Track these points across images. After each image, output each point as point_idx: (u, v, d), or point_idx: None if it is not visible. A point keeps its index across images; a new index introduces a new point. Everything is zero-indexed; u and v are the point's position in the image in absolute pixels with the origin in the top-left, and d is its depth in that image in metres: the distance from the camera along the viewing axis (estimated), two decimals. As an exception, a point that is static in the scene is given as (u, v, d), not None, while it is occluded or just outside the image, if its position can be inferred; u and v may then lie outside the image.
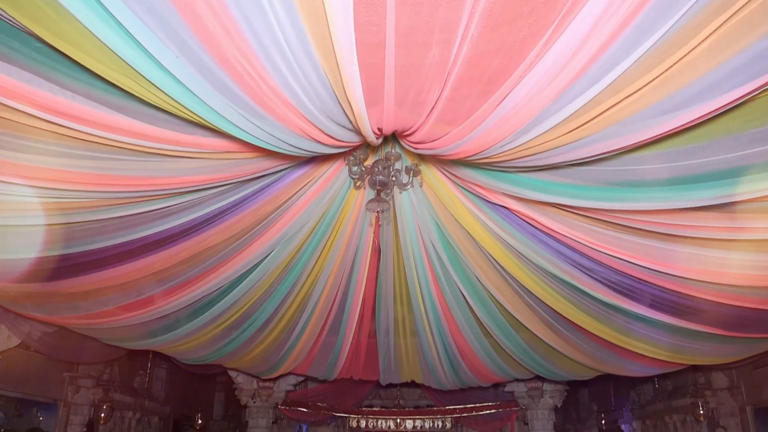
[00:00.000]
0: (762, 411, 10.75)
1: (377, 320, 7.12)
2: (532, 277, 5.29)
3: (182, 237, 4.97)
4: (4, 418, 9.71)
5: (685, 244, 4.17)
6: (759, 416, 10.84)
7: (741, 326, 5.52)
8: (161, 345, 7.00)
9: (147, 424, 14.06)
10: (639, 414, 15.08)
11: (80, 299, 5.80)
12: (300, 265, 5.71)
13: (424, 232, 5.24)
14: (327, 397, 12.38)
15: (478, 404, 12.23)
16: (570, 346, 6.64)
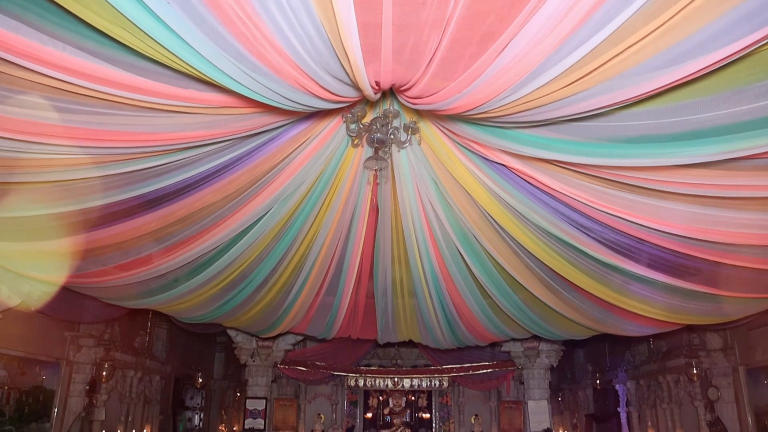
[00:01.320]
0: (755, 371, 10.89)
1: (375, 280, 7.14)
2: (530, 236, 5.28)
3: (178, 196, 4.93)
4: (7, 376, 9.82)
5: (685, 202, 4.14)
6: (751, 376, 10.99)
7: (738, 286, 5.54)
8: (160, 304, 7.03)
9: (148, 383, 14.25)
10: (633, 374, 15.30)
11: (77, 258, 5.79)
12: (297, 225, 5.69)
13: (422, 190, 5.20)
14: (325, 357, 12.54)
15: (475, 364, 12.40)
16: (567, 305, 6.67)
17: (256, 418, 11.09)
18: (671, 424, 13.52)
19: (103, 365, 11.26)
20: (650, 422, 14.51)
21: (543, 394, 11.26)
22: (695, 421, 12.38)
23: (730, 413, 11.13)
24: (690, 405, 12.41)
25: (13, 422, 9.82)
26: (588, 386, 18.62)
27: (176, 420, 17.00)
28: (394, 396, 15.19)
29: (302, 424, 14.01)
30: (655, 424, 14.29)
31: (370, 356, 13.65)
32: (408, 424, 15.25)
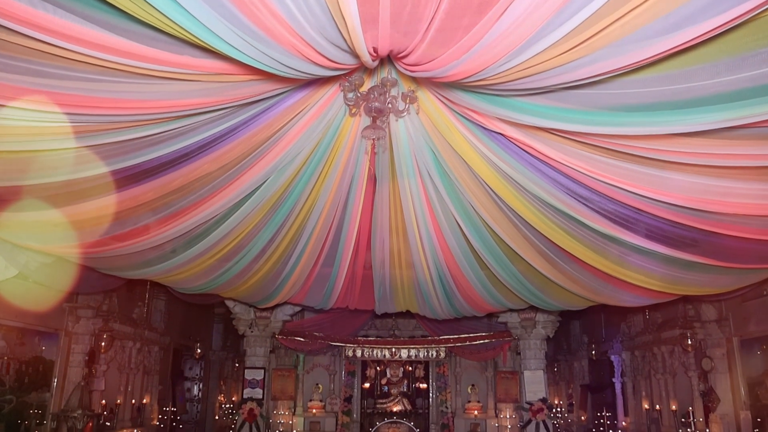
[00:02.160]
0: (748, 342, 11.00)
1: (373, 252, 7.14)
2: (528, 206, 5.27)
3: (174, 166, 4.90)
4: (6, 347, 9.87)
5: (684, 172, 4.12)
6: (745, 347, 11.10)
7: (735, 257, 5.55)
8: (157, 274, 7.03)
9: (147, 354, 14.36)
10: (628, 345, 15.45)
11: (74, 228, 5.77)
12: (294, 195, 5.66)
13: (420, 160, 5.17)
14: (323, 327, 12.62)
15: (472, 334, 12.49)
16: (565, 276, 6.69)
17: (255, 388, 11.20)
18: (665, 394, 13.70)
19: (101, 336, 11.33)
20: (644, 392, 14.71)
21: (539, 365, 11.38)
22: (689, 391, 12.55)
23: (723, 383, 11.28)
24: (684, 375, 12.56)
25: (14, 392, 9.91)
26: (583, 357, 18.83)
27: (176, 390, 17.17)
28: (392, 366, 15.35)
29: (300, 393, 14.17)
30: (649, 394, 14.48)
31: (367, 327, 13.74)
32: (405, 394, 15.44)
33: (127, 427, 13.10)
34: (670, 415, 13.21)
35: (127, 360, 13.25)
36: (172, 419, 15.70)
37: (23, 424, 10.01)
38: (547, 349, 11.71)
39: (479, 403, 13.90)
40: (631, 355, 15.23)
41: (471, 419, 13.79)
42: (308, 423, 13.84)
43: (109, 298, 11.70)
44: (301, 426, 13.81)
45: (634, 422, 15.38)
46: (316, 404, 13.93)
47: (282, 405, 13.52)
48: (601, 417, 16.96)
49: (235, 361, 20.49)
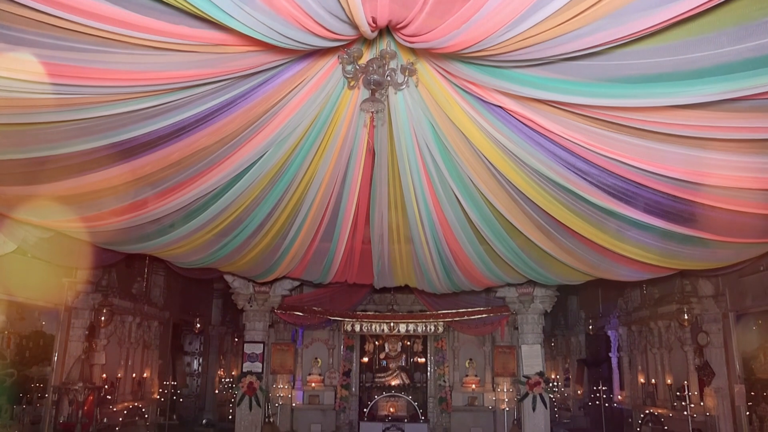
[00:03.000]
0: (744, 317, 11.08)
1: (371, 226, 7.14)
2: (527, 180, 5.26)
3: (172, 138, 4.87)
4: (6, 321, 9.91)
5: (683, 145, 4.11)
6: (741, 322, 11.19)
7: (733, 231, 5.56)
8: (156, 249, 7.04)
9: (147, 329, 14.44)
10: (625, 320, 15.55)
11: (72, 202, 5.76)
12: (293, 169, 5.64)
13: (419, 133, 5.14)
14: (322, 302, 12.68)
15: (470, 309, 12.56)
16: (563, 250, 6.70)
17: (254, 362, 11.28)
18: (660, 369, 13.84)
19: (101, 311, 11.38)
20: (640, 366, 14.85)
21: (536, 339, 11.47)
22: (684, 365, 12.68)
23: (718, 358, 11.39)
24: (680, 350, 12.68)
25: (15, 365, 9.98)
26: (581, 332, 19.00)
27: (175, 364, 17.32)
28: (390, 341, 15.47)
29: (299, 368, 14.30)
30: (645, 368, 14.62)
31: (366, 302, 13.82)
32: (403, 368, 15.58)
33: (128, 401, 13.24)
34: (665, 389, 13.37)
35: (127, 334, 13.34)
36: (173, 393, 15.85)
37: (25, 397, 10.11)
38: (544, 324, 11.79)
39: (477, 377, 14.06)
40: (628, 330, 15.35)
41: (469, 393, 13.95)
42: (307, 396, 13.99)
43: (108, 273, 11.74)
44: (300, 399, 13.97)
45: (629, 396, 15.56)
46: (315, 378, 14.06)
47: (281, 379, 13.66)
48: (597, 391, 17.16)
49: (234, 336, 20.64)
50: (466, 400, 13.95)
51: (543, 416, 11.08)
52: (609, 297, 16.76)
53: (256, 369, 11.29)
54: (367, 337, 15.19)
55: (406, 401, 14.23)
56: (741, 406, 10.97)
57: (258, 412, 11.17)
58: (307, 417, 13.95)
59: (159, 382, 15.11)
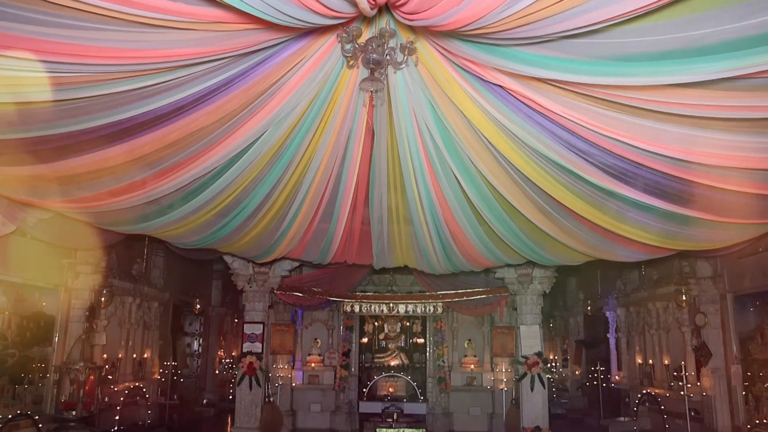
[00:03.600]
0: (742, 298, 11.11)
1: (370, 208, 7.13)
2: (527, 160, 5.24)
3: (170, 118, 4.84)
4: (7, 302, 9.93)
5: (684, 124, 4.09)
6: (738, 303, 11.23)
7: (733, 211, 5.56)
8: (155, 229, 7.04)
9: (147, 309, 14.48)
10: (624, 302, 15.62)
11: (70, 183, 5.75)
12: (291, 149, 5.61)
13: (418, 113, 5.11)
14: (322, 283, 12.71)
15: (469, 290, 12.59)
16: (563, 231, 6.70)
17: (254, 342, 11.34)
18: (658, 349, 13.92)
19: (101, 291, 11.40)
20: (638, 347, 14.94)
21: (535, 320, 11.52)
22: (681, 346, 12.75)
23: (715, 338, 11.45)
24: (677, 331, 12.75)
25: (16, 346, 10.02)
26: (579, 313, 19.11)
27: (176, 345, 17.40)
28: (389, 321, 15.54)
29: (299, 348, 14.37)
30: (642, 349, 14.71)
31: (365, 283, 13.86)
32: (403, 348, 15.68)
33: (129, 381, 13.33)
34: (662, 369, 13.46)
35: (127, 315, 13.39)
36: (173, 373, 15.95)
37: (27, 377, 10.17)
38: (543, 305, 11.83)
39: (475, 358, 14.15)
40: (626, 311, 15.43)
41: (467, 373, 14.05)
42: (307, 376, 14.08)
43: (107, 255, 11.74)
44: (300, 379, 14.07)
45: (627, 376, 15.68)
46: (315, 358, 14.15)
47: (281, 359, 13.74)
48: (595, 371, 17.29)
49: (234, 317, 20.74)
50: (465, 380, 14.06)
51: (541, 396, 11.16)
52: (608, 278, 16.81)
53: (256, 349, 11.35)
54: (367, 318, 15.26)
55: (405, 381, 14.34)
56: (737, 387, 11.06)
57: (258, 391, 11.24)
58: (307, 397, 14.07)
59: (159, 362, 15.20)
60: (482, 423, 13.81)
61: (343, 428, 13.60)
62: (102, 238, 9.20)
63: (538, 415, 11.03)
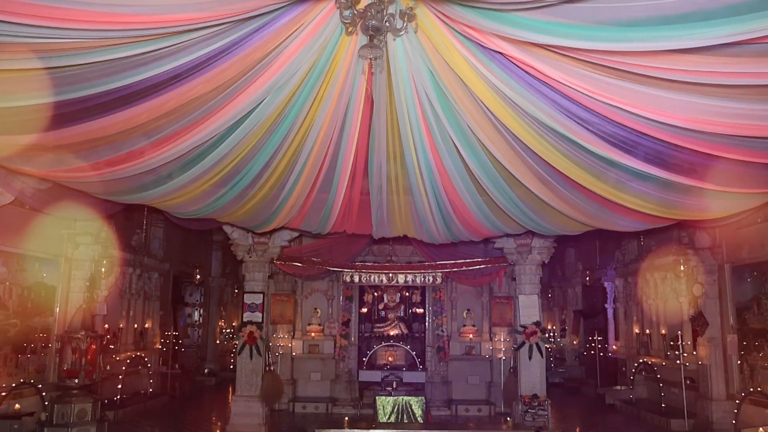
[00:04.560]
0: (739, 268, 11.18)
1: (370, 178, 7.10)
2: (527, 129, 5.20)
3: (167, 86, 4.79)
4: (7, 272, 9.97)
5: (686, 91, 4.05)
6: (736, 273, 11.30)
7: (733, 181, 5.55)
8: (154, 199, 7.02)
9: (147, 280, 14.56)
10: (622, 272, 15.71)
11: (67, 152, 5.71)
12: (290, 118, 5.56)
13: (417, 81, 5.05)
14: (321, 253, 12.75)
15: (468, 260, 12.63)
16: (562, 201, 6.69)
17: (254, 312, 11.41)
18: (655, 319, 14.05)
19: (101, 262, 11.45)
20: (635, 317, 15.08)
21: (534, 289, 11.58)
22: (678, 316, 12.87)
23: (712, 308, 11.55)
24: (675, 301, 12.85)
25: (18, 316, 10.09)
26: (578, 284, 19.25)
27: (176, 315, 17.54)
28: (389, 292, 15.63)
29: (299, 318, 14.48)
30: (640, 318, 14.85)
31: (365, 253, 13.91)
32: (402, 318, 15.80)
33: (131, 350, 13.46)
34: (659, 339, 13.61)
35: (128, 286, 13.47)
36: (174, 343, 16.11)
37: (29, 346, 10.27)
38: (542, 275, 11.88)
39: (474, 327, 14.26)
40: (624, 281, 15.55)
41: (466, 342, 14.18)
42: (307, 346, 14.21)
43: (107, 225, 11.75)
44: (300, 349, 14.20)
45: (624, 346, 15.87)
46: (315, 328, 14.26)
47: (281, 329, 13.85)
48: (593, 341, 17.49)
49: (234, 287, 20.88)
50: (464, 349, 14.20)
51: (539, 365, 11.28)
52: (606, 249, 16.89)
53: (256, 319, 11.43)
54: (366, 288, 15.34)
55: (404, 350, 14.47)
56: (733, 356, 11.19)
57: (259, 360, 11.35)
58: (307, 366, 14.22)
59: (160, 332, 15.34)
60: (480, 391, 13.99)
61: (343, 396, 13.77)
62: (101, 209, 9.19)
63: (535, 384, 11.16)
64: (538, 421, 10.66)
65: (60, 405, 6.74)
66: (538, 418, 10.74)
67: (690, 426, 11.37)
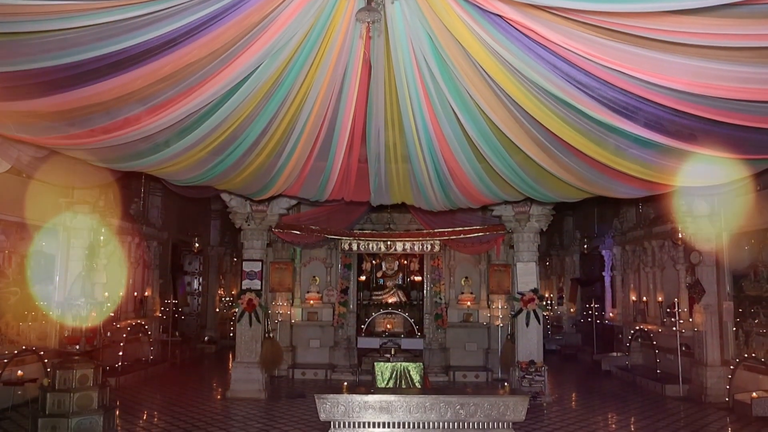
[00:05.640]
0: (737, 236, 11.23)
1: (368, 145, 7.05)
2: (526, 94, 5.14)
3: (162, 51, 4.72)
4: (6, 240, 9.99)
5: (688, 54, 4.00)
6: (733, 241, 11.34)
7: (734, 146, 5.51)
8: (150, 166, 6.98)
9: (146, 248, 14.60)
10: (620, 240, 15.76)
11: (62, 119, 5.66)
12: (287, 83, 5.50)
13: (416, 45, 4.98)
14: (319, 221, 12.75)
15: (466, 228, 12.64)
16: (562, 167, 6.66)
17: (253, 279, 11.46)
18: (652, 287, 14.15)
19: (100, 230, 11.47)
20: (633, 285, 15.18)
21: (532, 257, 11.61)
22: (675, 284, 12.95)
23: (709, 276, 11.62)
24: (672, 269, 12.92)
25: (18, 284, 10.14)
26: (575, 252, 19.34)
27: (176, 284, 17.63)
28: (387, 260, 15.69)
29: (298, 286, 14.56)
30: (637, 286, 14.95)
31: (363, 221, 13.92)
32: (400, 286, 15.89)
33: (131, 318, 13.56)
34: (656, 306, 13.73)
35: (127, 254, 13.52)
36: (174, 311, 16.23)
37: (30, 314, 10.34)
38: (540, 243, 11.91)
39: (472, 295, 14.35)
40: (622, 249, 15.61)
41: (464, 310, 14.29)
42: (306, 313, 14.32)
43: (105, 194, 11.76)
44: (299, 316, 14.30)
45: (620, 313, 16.01)
46: (314, 296, 14.35)
47: (280, 296, 13.93)
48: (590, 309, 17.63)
49: (233, 256, 20.96)
50: (462, 316, 14.30)
51: (536, 331, 11.38)
52: (605, 217, 16.93)
53: (255, 286, 11.49)
54: (365, 256, 15.39)
55: (402, 318, 14.58)
56: (728, 322, 11.30)
57: (258, 327, 11.45)
58: (306, 333, 14.34)
59: (160, 300, 15.44)
60: (478, 358, 14.14)
61: (342, 363, 13.92)
62: (98, 177, 9.17)
63: (532, 350, 11.28)
64: (535, 387, 10.81)
65: (62, 371, 6.81)
66: (535, 383, 10.88)
67: (684, 391, 11.53)
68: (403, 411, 8.07)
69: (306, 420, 9.30)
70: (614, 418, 9.96)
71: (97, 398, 6.80)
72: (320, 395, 8.00)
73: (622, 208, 15.11)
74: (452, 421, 8.05)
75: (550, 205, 11.24)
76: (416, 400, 8.10)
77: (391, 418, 8.05)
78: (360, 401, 8.03)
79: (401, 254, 14.85)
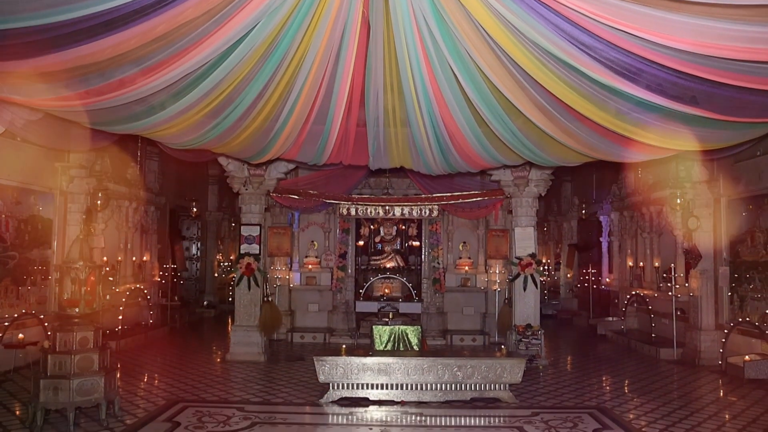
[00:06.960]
0: (735, 201, 11.24)
1: (366, 109, 6.96)
2: (528, 56, 5.05)
3: (155, 10, 4.60)
4: (3, 205, 9.96)
5: (693, 13, 3.90)
6: (731, 206, 11.35)
7: (738, 109, 5.45)
8: (146, 129, 6.89)
9: (144, 213, 14.57)
10: (618, 206, 15.77)
11: (55, 79, 5.56)
12: (284, 45, 5.39)
13: (416, 6, 4.87)
14: (317, 185, 12.71)
15: (464, 192, 12.62)
16: (563, 131, 6.59)
17: (251, 244, 11.48)
18: (649, 252, 14.21)
19: (96, 195, 11.43)
20: (630, 250, 15.25)
21: (530, 222, 11.62)
22: (672, 249, 13.01)
23: (706, 241, 11.67)
24: (669, 234, 12.95)
25: (16, 248, 10.15)
26: (573, 218, 19.37)
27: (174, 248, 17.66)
28: (385, 225, 15.70)
29: (296, 251, 14.59)
30: (634, 251, 15.02)
31: (361, 186, 13.89)
32: (398, 251, 15.94)
33: (130, 282, 13.61)
34: (652, 271, 13.80)
35: (125, 219, 13.50)
36: (173, 276, 16.29)
37: (29, 278, 10.37)
38: (538, 208, 11.91)
39: (470, 260, 14.42)
40: (620, 215, 15.63)
41: (462, 274, 14.36)
42: (304, 278, 14.39)
43: (101, 158, 11.68)
44: (297, 281, 14.37)
45: (617, 279, 16.12)
46: (312, 260, 14.39)
47: (278, 261, 13.97)
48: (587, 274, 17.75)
49: (231, 221, 20.97)
50: (459, 281, 14.39)
51: (533, 296, 11.46)
52: (603, 183, 16.91)
53: (254, 251, 11.51)
54: (363, 221, 15.40)
55: (400, 282, 14.66)
56: (724, 287, 11.39)
57: (257, 291, 11.51)
58: (305, 297, 14.44)
59: (159, 265, 15.47)
60: (475, 322, 14.28)
61: (341, 327, 14.04)
62: (93, 140, 9.09)
63: (529, 314, 11.37)
64: (532, 350, 10.92)
65: (62, 333, 6.84)
66: (532, 347, 11.00)
67: (678, 355, 11.68)
68: (401, 372, 8.19)
69: (305, 382, 9.42)
70: (609, 380, 10.10)
71: (97, 360, 6.85)
72: (319, 357, 8.10)
73: (621, 174, 15.08)
74: (450, 383, 8.19)
75: (549, 170, 11.19)
76: (414, 362, 8.21)
77: (390, 379, 8.17)
78: (358, 363, 8.15)
79: (400, 219, 14.87)
